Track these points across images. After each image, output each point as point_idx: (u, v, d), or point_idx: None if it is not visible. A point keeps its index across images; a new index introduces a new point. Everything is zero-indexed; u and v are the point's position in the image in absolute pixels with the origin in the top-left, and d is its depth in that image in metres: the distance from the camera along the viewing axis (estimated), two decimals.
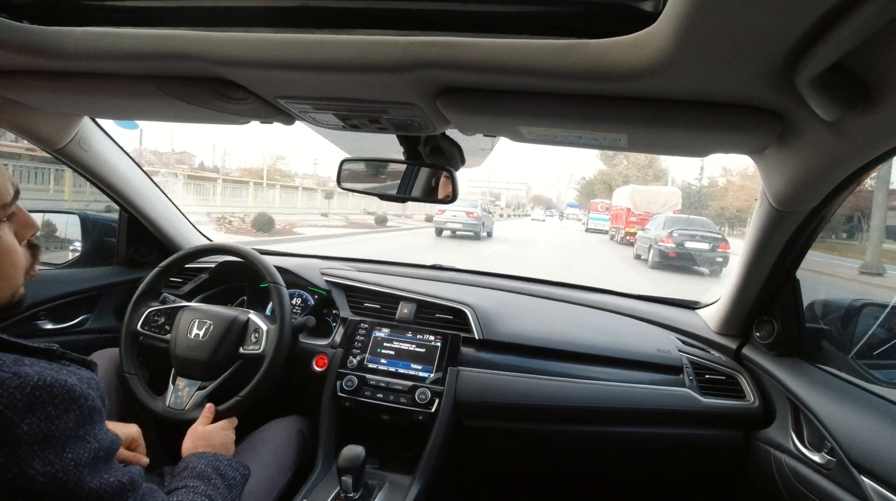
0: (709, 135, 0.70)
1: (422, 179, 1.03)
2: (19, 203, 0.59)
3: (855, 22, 0.40)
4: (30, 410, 0.47)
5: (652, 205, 15.73)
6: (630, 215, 16.23)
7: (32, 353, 0.56)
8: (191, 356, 1.08)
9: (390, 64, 0.61)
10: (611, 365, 1.19)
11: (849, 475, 0.81)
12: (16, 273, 0.58)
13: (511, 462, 1.30)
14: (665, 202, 15.90)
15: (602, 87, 0.61)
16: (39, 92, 0.88)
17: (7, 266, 0.57)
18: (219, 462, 0.82)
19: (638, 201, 16.16)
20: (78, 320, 1.38)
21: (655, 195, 16.68)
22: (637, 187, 17.93)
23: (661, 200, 16.09)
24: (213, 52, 0.65)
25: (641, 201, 16.13)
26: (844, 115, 0.57)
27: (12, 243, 0.57)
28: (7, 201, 0.56)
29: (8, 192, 0.56)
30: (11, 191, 0.56)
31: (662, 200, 16.10)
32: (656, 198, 16.31)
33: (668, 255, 9.81)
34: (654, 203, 15.87)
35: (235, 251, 1.24)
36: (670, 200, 16.29)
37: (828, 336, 1.22)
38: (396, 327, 1.25)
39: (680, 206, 16.74)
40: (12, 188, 0.56)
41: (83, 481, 0.50)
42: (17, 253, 0.58)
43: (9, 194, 0.56)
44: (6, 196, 0.55)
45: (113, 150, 1.31)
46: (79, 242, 1.56)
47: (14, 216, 0.58)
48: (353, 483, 0.94)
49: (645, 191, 17.21)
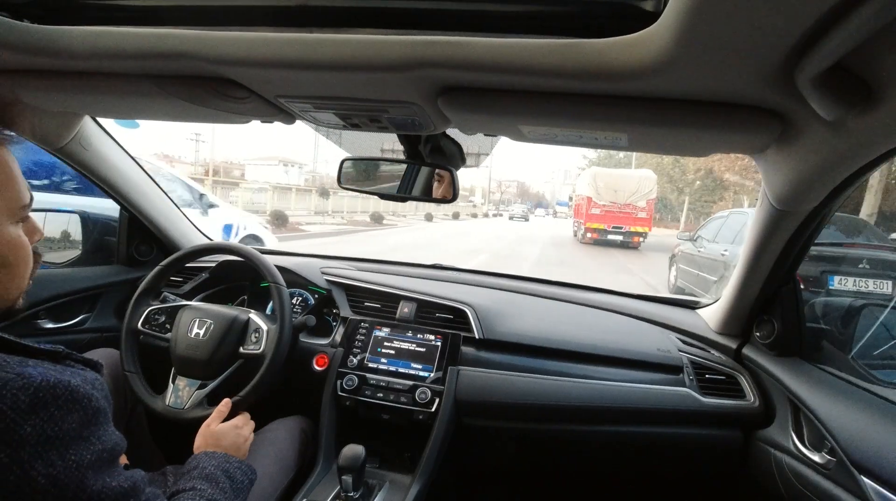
0: (709, 134, 0.70)
1: (422, 178, 1.03)
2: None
3: (856, 21, 0.40)
4: (33, 411, 0.47)
5: (620, 193, 12.85)
6: (591, 206, 13.00)
7: (37, 354, 0.56)
8: (191, 355, 1.08)
9: (391, 63, 0.61)
10: (611, 365, 1.19)
11: (849, 475, 0.81)
12: (27, 273, 0.60)
13: (511, 462, 1.30)
14: (636, 189, 12.90)
15: (603, 86, 0.61)
16: (40, 91, 0.88)
17: (22, 266, 0.59)
18: (228, 464, 0.82)
19: (601, 187, 13.01)
20: (78, 319, 1.38)
21: (624, 180, 13.35)
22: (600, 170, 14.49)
23: (630, 186, 12.98)
24: (213, 52, 0.65)
25: (605, 188, 12.95)
26: (845, 114, 0.57)
27: (26, 242, 0.59)
28: (26, 202, 0.59)
29: (26, 196, 0.59)
30: (27, 196, 0.59)
31: (633, 186, 12.96)
32: (625, 184, 13.09)
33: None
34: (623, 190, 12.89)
35: (236, 251, 1.24)
36: (644, 186, 13.00)
37: (828, 336, 1.22)
38: (397, 326, 1.25)
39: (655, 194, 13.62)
40: (28, 194, 0.60)
41: (85, 483, 0.50)
42: (30, 253, 0.60)
43: (27, 198, 0.59)
44: (25, 199, 0.59)
45: (113, 149, 1.32)
46: (79, 241, 1.57)
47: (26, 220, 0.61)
48: (354, 483, 0.94)
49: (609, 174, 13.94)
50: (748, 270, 1.07)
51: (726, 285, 1.20)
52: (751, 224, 1.01)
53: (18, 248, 0.58)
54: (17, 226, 0.58)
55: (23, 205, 0.58)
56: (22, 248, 0.58)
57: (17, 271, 0.58)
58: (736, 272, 1.12)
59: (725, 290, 1.21)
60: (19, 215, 0.58)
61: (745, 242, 1.05)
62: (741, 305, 1.16)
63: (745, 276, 1.08)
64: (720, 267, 5.23)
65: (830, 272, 3.62)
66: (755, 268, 1.05)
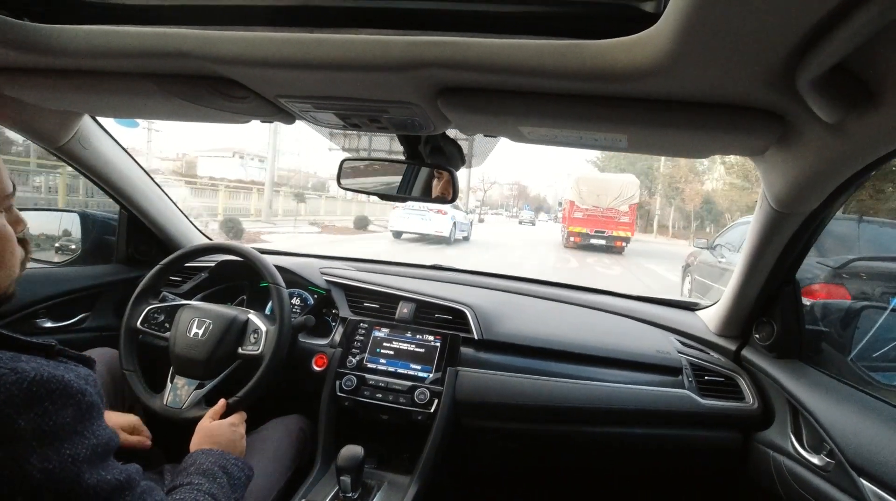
0: (709, 136, 0.70)
1: (422, 178, 1.03)
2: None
3: (856, 23, 0.40)
4: (27, 406, 0.47)
5: (602, 197, 13.12)
6: (574, 210, 13.33)
7: (30, 349, 0.56)
8: (190, 354, 1.08)
9: (391, 63, 0.61)
10: (610, 366, 1.19)
11: (847, 477, 0.81)
12: (14, 262, 0.61)
13: (510, 462, 1.30)
14: (619, 194, 13.20)
15: (603, 87, 0.61)
16: (40, 90, 0.88)
17: (7, 254, 0.60)
18: (225, 461, 0.82)
19: (585, 191, 13.36)
20: (77, 318, 1.38)
21: (606, 185, 13.65)
22: (584, 176, 14.85)
23: (613, 190, 13.28)
24: (213, 51, 0.65)
25: (588, 193, 13.30)
26: (845, 116, 0.57)
27: (10, 232, 0.61)
28: (9, 192, 0.61)
29: (8, 185, 0.61)
30: (10, 185, 0.61)
31: (615, 191, 13.27)
32: (608, 188, 13.40)
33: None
34: (606, 194, 13.17)
35: (235, 250, 1.24)
36: (626, 190, 13.33)
37: (827, 338, 1.22)
38: (396, 326, 1.25)
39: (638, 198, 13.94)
40: (10, 183, 0.61)
41: (81, 477, 0.50)
42: (14, 242, 0.62)
43: (9, 188, 0.61)
44: (7, 188, 0.60)
45: (113, 148, 1.31)
46: (78, 240, 1.56)
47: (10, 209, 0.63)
48: (352, 483, 0.94)
49: (593, 180, 14.37)
50: (748, 272, 1.07)
51: (725, 287, 1.20)
52: (750, 226, 1.01)
53: (2, 237, 0.59)
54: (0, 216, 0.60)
55: (5, 195, 0.60)
56: (5, 238, 0.60)
57: (4, 260, 0.60)
58: (735, 274, 1.12)
59: (725, 292, 1.21)
60: (2, 205, 0.60)
61: (745, 243, 1.05)
62: (740, 306, 1.16)
63: (745, 278, 1.08)
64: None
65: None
66: (755, 270, 1.05)
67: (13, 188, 0.61)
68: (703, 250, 6.22)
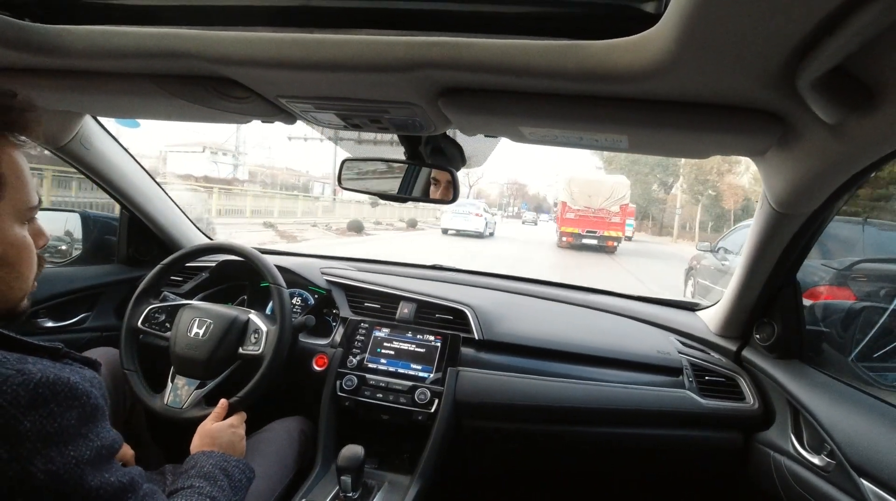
0: (710, 137, 0.70)
1: (422, 179, 1.03)
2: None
3: (856, 25, 0.40)
4: (32, 407, 0.47)
5: (594, 198, 13.36)
6: (566, 211, 13.58)
7: (36, 351, 0.56)
8: (190, 354, 1.08)
9: (392, 64, 0.61)
10: (610, 366, 1.19)
11: (848, 477, 0.80)
12: (30, 275, 0.60)
13: (510, 463, 1.30)
14: (610, 195, 13.44)
15: (603, 88, 0.61)
16: (40, 90, 0.88)
17: (25, 267, 0.59)
18: (226, 463, 0.82)
19: (576, 192, 13.59)
20: (78, 318, 1.38)
21: (597, 186, 13.89)
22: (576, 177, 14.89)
23: (604, 191, 13.52)
24: (214, 51, 0.65)
25: (580, 193, 13.52)
26: (846, 117, 0.57)
27: (31, 244, 0.60)
28: (34, 204, 0.60)
29: (34, 198, 0.60)
30: (36, 198, 0.60)
31: (606, 191, 13.51)
32: (599, 189, 13.64)
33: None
34: (597, 195, 13.41)
35: (236, 250, 1.24)
36: (617, 191, 13.58)
37: (828, 339, 1.22)
38: (396, 327, 1.25)
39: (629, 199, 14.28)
40: (36, 196, 0.60)
41: (84, 479, 0.50)
42: (34, 255, 0.61)
43: (34, 200, 0.60)
44: (33, 201, 0.59)
45: (114, 148, 1.32)
46: (79, 239, 1.57)
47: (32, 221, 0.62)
48: (353, 483, 0.94)
49: (584, 181, 14.52)
50: (748, 272, 1.07)
51: (726, 287, 1.20)
52: (751, 226, 1.01)
53: (23, 249, 0.58)
54: (23, 227, 0.59)
55: (30, 207, 0.59)
56: (27, 249, 0.59)
57: (22, 272, 0.59)
58: (736, 274, 1.12)
59: (725, 292, 1.21)
60: (26, 217, 0.59)
61: (746, 244, 1.05)
62: (741, 307, 1.16)
63: (746, 278, 1.08)
64: None
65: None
66: (755, 270, 1.05)
67: (39, 201, 0.61)
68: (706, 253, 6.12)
